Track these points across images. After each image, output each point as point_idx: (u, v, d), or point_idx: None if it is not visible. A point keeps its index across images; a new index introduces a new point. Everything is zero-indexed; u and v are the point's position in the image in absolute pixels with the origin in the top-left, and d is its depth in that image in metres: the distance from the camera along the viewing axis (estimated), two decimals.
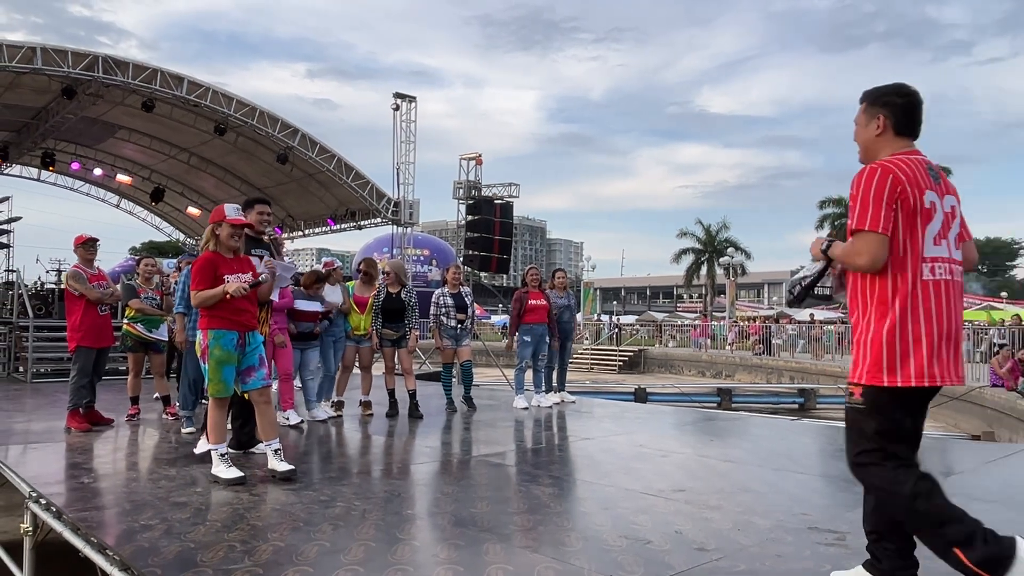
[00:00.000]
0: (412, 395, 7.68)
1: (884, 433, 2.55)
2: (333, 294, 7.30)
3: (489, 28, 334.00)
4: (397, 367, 7.86)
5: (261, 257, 5.22)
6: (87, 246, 6.98)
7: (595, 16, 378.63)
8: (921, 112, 2.71)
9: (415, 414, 7.54)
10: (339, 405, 7.64)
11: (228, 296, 4.51)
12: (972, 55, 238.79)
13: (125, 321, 7.35)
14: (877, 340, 2.54)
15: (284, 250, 6.59)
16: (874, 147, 2.72)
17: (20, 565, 4.13)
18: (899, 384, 2.50)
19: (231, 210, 4.76)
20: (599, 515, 3.92)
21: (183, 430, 6.44)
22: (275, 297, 5.86)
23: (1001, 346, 15.72)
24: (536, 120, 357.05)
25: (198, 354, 4.71)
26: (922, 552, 3.32)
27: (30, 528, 4.04)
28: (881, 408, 2.55)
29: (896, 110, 2.68)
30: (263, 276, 4.77)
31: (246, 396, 4.76)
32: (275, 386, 6.52)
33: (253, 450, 5.34)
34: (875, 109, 2.72)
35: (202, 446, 5.21)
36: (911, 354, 2.50)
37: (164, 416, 7.35)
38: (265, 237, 5.61)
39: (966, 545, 2.44)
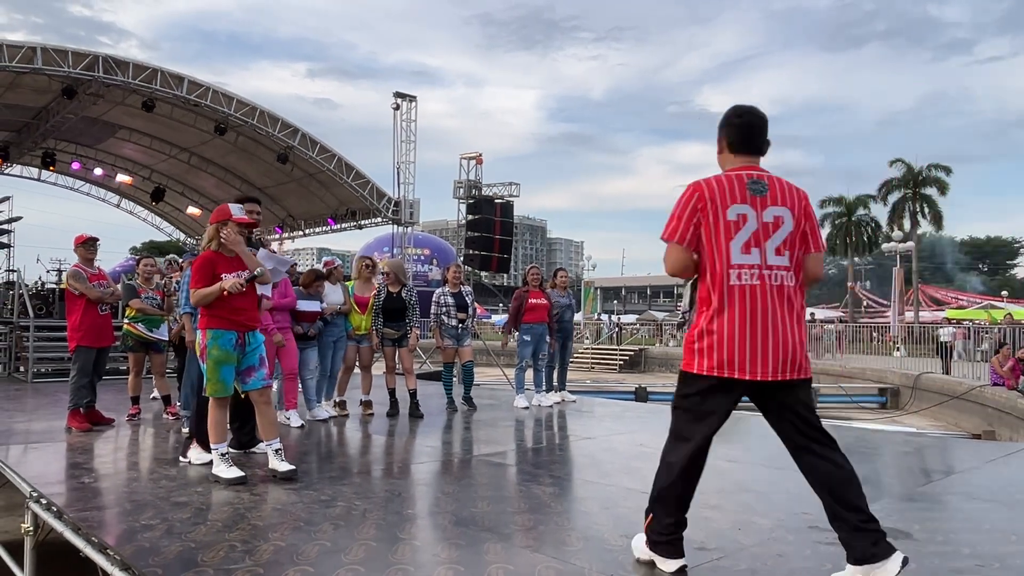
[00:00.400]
0: (413, 395, 7.68)
1: (686, 411, 2.99)
2: (334, 293, 7.30)
3: (490, 27, 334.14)
4: (398, 366, 7.86)
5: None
6: (87, 245, 6.98)
7: (596, 15, 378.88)
8: (759, 130, 2.96)
9: (416, 413, 7.54)
10: (341, 405, 7.64)
11: (225, 292, 4.49)
12: (973, 54, 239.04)
13: (126, 321, 7.35)
14: (690, 335, 2.92)
15: (272, 248, 6.57)
16: (721, 165, 3.00)
17: (21, 565, 4.14)
18: (704, 373, 2.85)
19: (236, 209, 4.74)
20: (600, 515, 3.92)
21: (184, 430, 6.42)
22: (266, 292, 5.83)
23: (1001, 345, 15.72)
24: (536, 119, 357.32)
25: (197, 354, 4.70)
26: (921, 552, 3.33)
27: (31, 528, 4.05)
28: (688, 388, 2.96)
29: (732, 130, 2.97)
30: (259, 270, 4.73)
31: (243, 395, 4.75)
32: (275, 385, 6.52)
33: (254, 450, 5.33)
34: (719, 131, 3.02)
35: (194, 455, 5.13)
36: (715, 348, 2.81)
37: (165, 416, 7.35)
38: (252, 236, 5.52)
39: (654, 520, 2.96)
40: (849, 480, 2.82)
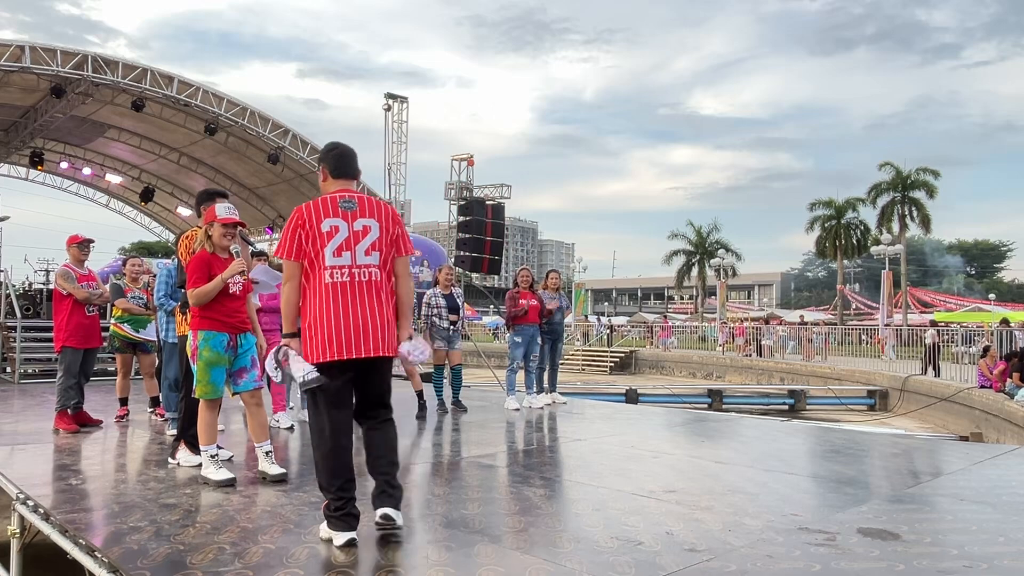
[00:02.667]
0: (420, 395, 7.68)
1: (319, 397, 3.43)
2: None
3: (480, 29, 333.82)
4: (396, 368, 7.84)
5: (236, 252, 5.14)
6: (81, 246, 6.95)
7: (586, 17, 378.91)
8: (350, 159, 3.66)
9: (421, 415, 7.54)
10: None
11: (224, 282, 4.47)
12: (960, 58, 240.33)
13: (112, 321, 7.28)
14: (303, 330, 3.44)
15: (253, 239, 6.50)
16: (324, 190, 3.61)
17: (7, 568, 4.10)
18: (320, 361, 3.36)
19: (222, 210, 4.70)
20: (591, 516, 3.92)
21: (170, 432, 6.38)
22: (256, 300, 5.81)
23: (986, 348, 15.83)
24: (528, 121, 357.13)
25: (188, 354, 4.67)
26: (910, 553, 3.35)
27: (17, 530, 4.01)
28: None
29: (330, 161, 3.63)
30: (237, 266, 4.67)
31: (232, 396, 4.74)
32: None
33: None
34: (319, 164, 3.73)
35: (182, 456, 5.09)
36: (318, 337, 3.35)
37: (153, 416, 7.30)
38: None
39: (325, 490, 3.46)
40: (392, 448, 3.57)
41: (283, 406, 6.82)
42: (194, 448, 4.97)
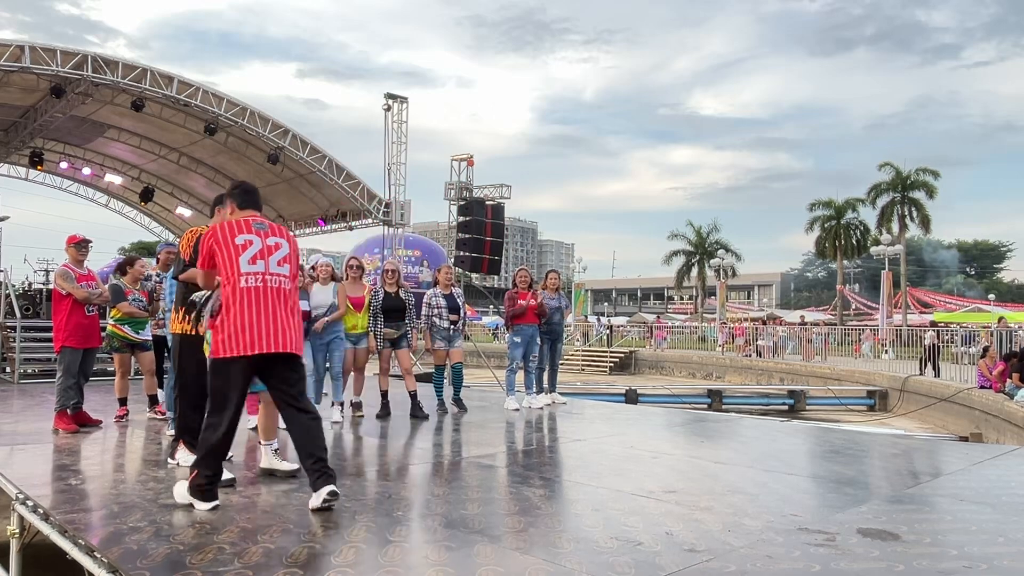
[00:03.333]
0: (413, 396, 7.67)
1: (216, 386, 3.90)
2: (321, 294, 7.18)
3: (480, 29, 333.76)
4: (394, 367, 7.85)
5: None
6: (79, 247, 6.94)
7: (585, 17, 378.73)
8: (253, 194, 4.37)
9: (419, 415, 7.53)
10: (357, 406, 7.64)
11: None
12: (960, 59, 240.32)
13: (111, 322, 7.26)
14: (221, 326, 3.88)
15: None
16: (232, 219, 4.17)
17: (7, 568, 4.10)
18: (229, 355, 3.81)
19: None
20: (590, 516, 3.92)
21: (166, 432, 6.39)
22: None
23: (985, 348, 15.83)
24: (528, 121, 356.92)
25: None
26: (909, 554, 3.35)
27: (17, 530, 4.01)
28: (218, 371, 3.90)
29: (236, 197, 4.30)
30: None
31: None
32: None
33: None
34: (226, 200, 4.39)
35: (181, 456, 5.08)
36: (234, 335, 3.82)
37: (152, 415, 7.29)
38: None
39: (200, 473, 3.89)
40: (314, 435, 3.96)
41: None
42: (193, 448, 4.97)
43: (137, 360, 7.40)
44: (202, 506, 3.86)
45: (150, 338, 7.27)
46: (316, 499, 3.85)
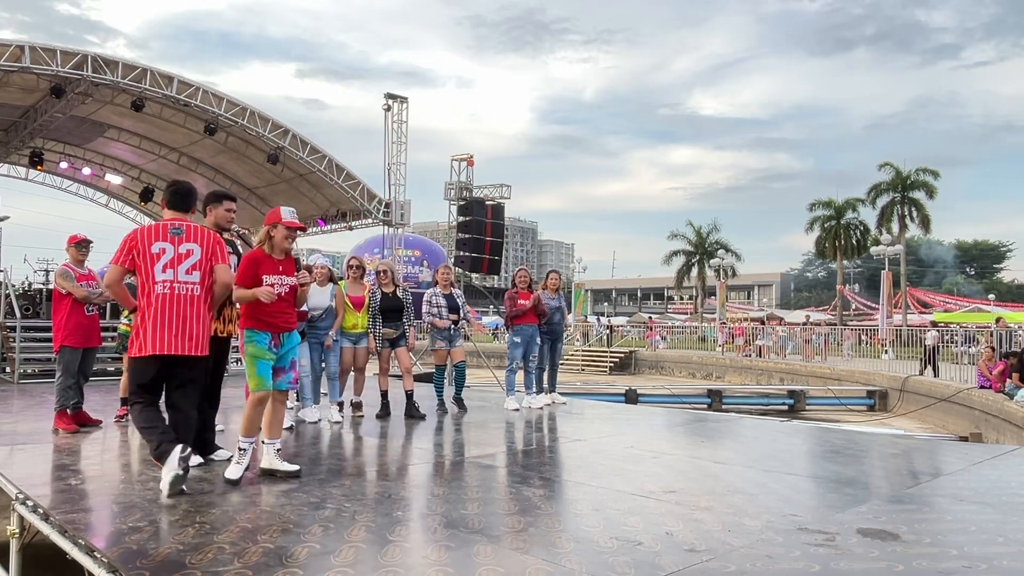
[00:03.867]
0: (409, 396, 7.67)
1: (136, 382, 4.43)
2: (318, 295, 7.19)
3: (480, 29, 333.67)
4: (394, 366, 7.85)
5: (229, 252, 5.16)
6: (80, 246, 6.96)
7: (585, 17, 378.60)
8: (184, 195, 4.75)
9: (416, 415, 7.53)
10: (357, 406, 7.64)
11: (255, 298, 4.64)
12: (960, 59, 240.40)
13: (124, 322, 7.29)
14: (135, 328, 4.42)
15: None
16: (164, 216, 4.67)
17: (7, 568, 4.10)
18: (143, 354, 4.34)
19: (287, 213, 4.84)
20: (590, 516, 3.92)
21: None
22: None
23: (992, 348, 15.81)
24: (528, 121, 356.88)
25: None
26: (909, 554, 3.35)
27: (17, 530, 4.01)
28: (133, 368, 4.47)
29: (168, 197, 4.76)
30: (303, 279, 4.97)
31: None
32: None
33: (213, 457, 5.21)
34: (163, 196, 4.87)
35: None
36: (145, 335, 4.33)
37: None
38: (226, 234, 5.45)
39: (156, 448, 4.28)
40: (180, 430, 4.43)
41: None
42: (192, 448, 4.98)
43: None
44: (174, 453, 4.13)
45: None
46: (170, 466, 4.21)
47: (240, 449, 4.61)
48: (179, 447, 4.12)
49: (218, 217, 5.26)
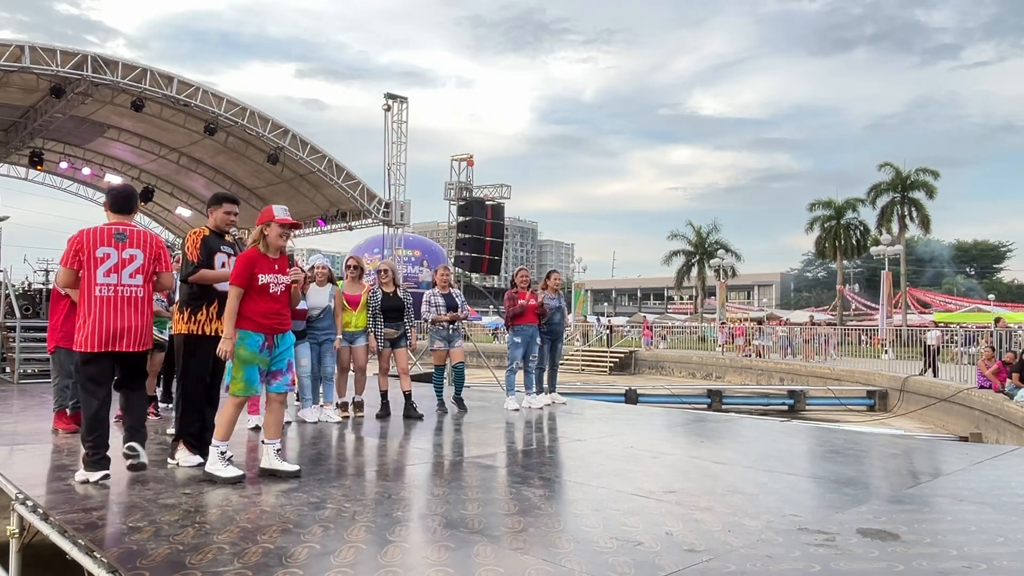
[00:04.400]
0: (408, 396, 7.66)
1: (87, 375, 4.69)
2: (317, 295, 7.20)
3: (480, 29, 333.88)
4: (392, 367, 7.85)
5: (229, 255, 5.15)
6: None
7: (585, 17, 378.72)
8: (126, 199, 4.96)
9: (413, 415, 7.52)
10: (343, 407, 7.62)
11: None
12: (959, 59, 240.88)
13: None
14: (79, 326, 4.65)
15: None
16: (108, 218, 4.86)
17: (6, 568, 4.10)
18: (87, 351, 4.59)
19: (280, 211, 4.82)
20: (590, 516, 3.92)
21: (170, 430, 6.39)
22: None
23: (993, 348, 15.81)
24: (528, 121, 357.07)
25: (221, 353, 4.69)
26: (909, 554, 3.35)
27: (16, 530, 4.01)
28: (85, 363, 4.67)
29: (110, 200, 4.94)
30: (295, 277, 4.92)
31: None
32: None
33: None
34: (105, 199, 5.08)
35: (181, 456, 5.06)
36: (91, 335, 4.58)
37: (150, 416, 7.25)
38: (228, 236, 5.43)
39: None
40: (134, 405, 4.89)
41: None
42: (193, 448, 4.99)
43: (150, 360, 7.38)
44: (92, 476, 4.48)
45: (167, 339, 7.26)
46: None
47: (221, 452, 4.58)
48: (103, 473, 4.52)
49: (217, 220, 5.21)
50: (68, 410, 6.63)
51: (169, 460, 5.14)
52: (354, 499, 4.24)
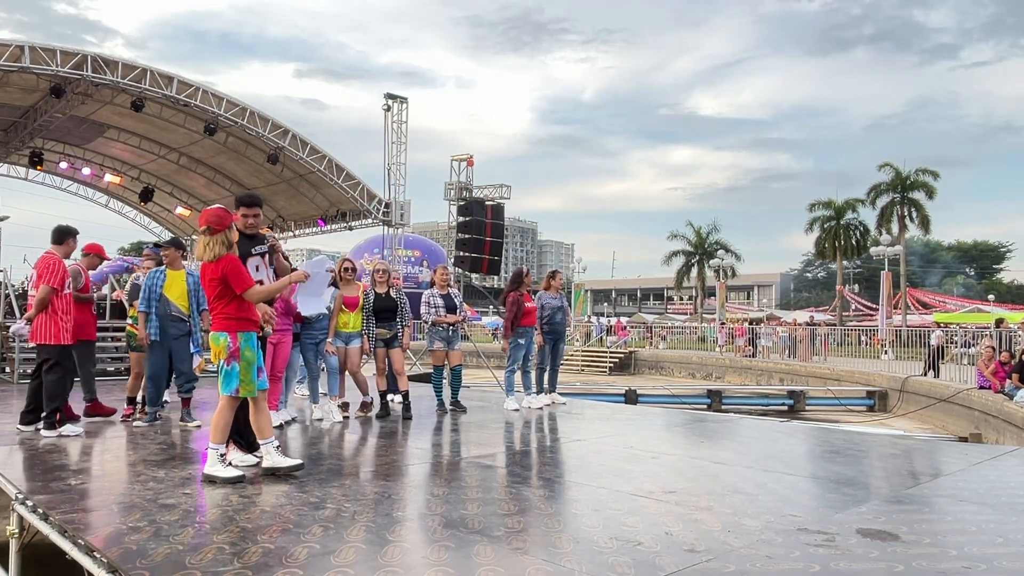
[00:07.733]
0: (404, 396, 7.66)
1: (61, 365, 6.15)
2: (322, 298, 7.20)
3: (479, 29, 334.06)
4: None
5: (262, 255, 5.15)
6: (91, 258, 7.31)
7: (583, 18, 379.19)
8: (59, 233, 6.31)
9: (406, 415, 7.53)
10: (345, 407, 7.63)
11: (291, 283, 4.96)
12: (958, 59, 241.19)
13: (128, 322, 7.35)
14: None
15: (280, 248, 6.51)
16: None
17: (6, 568, 4.10)
18: (53, 343, 5.71)
19: (224, 208, 4.81)
20: (590, 517, 3.92)
21: (191, 423, 6.74)
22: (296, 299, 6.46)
23: (991, 349, 15.80)
24: (527, 121, 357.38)
25: (223, 356, 4.55)
26: (909, 554, 3.35)
27: (16, 530, 4.01)
28: (62, 355, 6.00)
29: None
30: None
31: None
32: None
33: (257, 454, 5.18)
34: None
35: (236, 457, 4.98)
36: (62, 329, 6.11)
37: (129, 419, 7.17)
38: (266, 235, 5.42)
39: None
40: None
41: (275, 405, 6.78)
42: (242, 447, 4.98)
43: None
44: (49, 434, 5.95)
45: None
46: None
47: (221, 455, 4.57)
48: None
49: (239, 224, 5.09)
50: (87, 402, 7.05)
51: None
52: (354, 499, 4.24)
